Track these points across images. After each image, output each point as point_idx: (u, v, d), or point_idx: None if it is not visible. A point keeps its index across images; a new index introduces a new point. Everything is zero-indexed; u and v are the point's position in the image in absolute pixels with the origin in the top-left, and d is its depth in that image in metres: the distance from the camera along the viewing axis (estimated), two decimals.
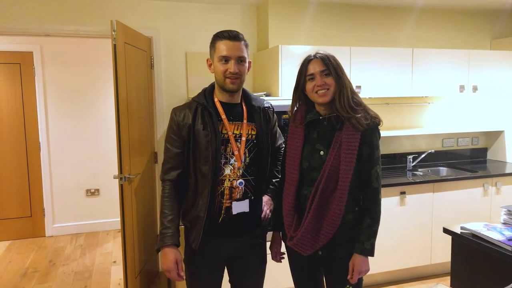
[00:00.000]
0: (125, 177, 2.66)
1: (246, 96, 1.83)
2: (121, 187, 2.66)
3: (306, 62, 1.68)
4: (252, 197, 1.77)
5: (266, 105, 1.87)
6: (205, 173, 1.68)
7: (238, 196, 1.73)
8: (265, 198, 1.86)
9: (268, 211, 1.84)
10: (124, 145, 2.67)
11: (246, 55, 1.72)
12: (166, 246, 1.69)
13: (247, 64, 1.74)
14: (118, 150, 2.62)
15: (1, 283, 3.41)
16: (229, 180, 1.72)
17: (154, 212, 3.44)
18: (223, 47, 1.67)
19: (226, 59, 1.68)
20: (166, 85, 3.38)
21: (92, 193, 4.67)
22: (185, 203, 1.78)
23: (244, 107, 1.80)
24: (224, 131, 1.72)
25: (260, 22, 3.49)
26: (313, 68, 1.65)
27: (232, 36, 1.68)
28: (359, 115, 1.63)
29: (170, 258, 1.69)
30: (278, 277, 2.47)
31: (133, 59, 2.86)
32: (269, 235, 1.91)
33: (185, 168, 1.75)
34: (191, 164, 1.73)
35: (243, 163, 1.73)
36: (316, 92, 1.65)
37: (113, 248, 4.19)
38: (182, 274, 1.72)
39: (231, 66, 1.67)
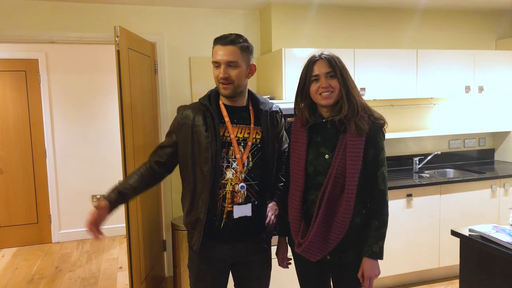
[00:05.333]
0: None
1: (254, 99, 1.79)
2: None
3: (311, 63, 1.64)
4: (256, 202, 1.74)
5: (274, 109, 1.83)
6: (205, 174, 1.66)
7: (240, 201, 1.70)
8: (270, 204, 1.83)
9: (272, 217, 1.81)
10: (129, 150, 2.67)
11: (238, 59, 1.64)
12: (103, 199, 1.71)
13: (243, 68, 1.67)
14: (123, 155, 2.62)
15: None
16: (231, 184, 1.69)
17: (159, 218, 3.43)
18: (215, 51, 1.67)
19: (216, 64, 1.67)
20: (170, 90, 3.39)
21: (98, 199, 4.67)
22: (185, 205, 1.76)
23: (251, 110, 1.77)
24: (226, 134, 1.69)
25: (263, 25, 3.49)
26: (318, 69, 1.62)
27: (225, 40, 1.65)
28: (364, 117, 1.62)
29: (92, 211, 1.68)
30: (285, 283, 2.44)
31: (137, 65, 2.87)
32: (274, 239, 1.88)
33: (168, 161, 1.80)
34: (190, 163, 1.70)
35: (245, 167, 1.70)
36: (320, 94, 1.62)
37: (119, 254, 4.20)
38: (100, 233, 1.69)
39: (220, 72, 1.65)
